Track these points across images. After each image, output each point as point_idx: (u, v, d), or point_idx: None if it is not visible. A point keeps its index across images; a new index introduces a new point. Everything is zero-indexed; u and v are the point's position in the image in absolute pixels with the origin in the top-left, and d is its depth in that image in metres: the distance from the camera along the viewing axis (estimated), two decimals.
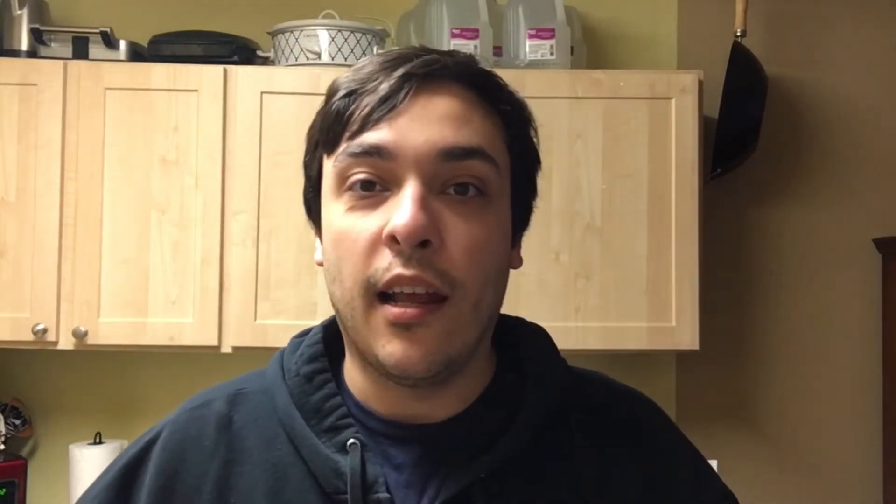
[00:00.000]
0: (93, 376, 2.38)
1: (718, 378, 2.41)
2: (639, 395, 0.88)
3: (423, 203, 0.69)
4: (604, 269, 2.06)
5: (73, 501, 2.19)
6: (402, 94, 0.71)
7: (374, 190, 0.71)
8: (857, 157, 2.44)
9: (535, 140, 0.80)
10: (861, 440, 2.39)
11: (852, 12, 2.45)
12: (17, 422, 2.30)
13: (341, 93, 0.73)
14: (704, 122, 2.14)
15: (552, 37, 2.14)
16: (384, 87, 0.71)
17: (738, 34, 2.30)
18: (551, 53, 2.13)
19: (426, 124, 0.71)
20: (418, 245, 0.68)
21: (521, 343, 0.83)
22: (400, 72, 0.71)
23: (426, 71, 0.72)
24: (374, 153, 0.70)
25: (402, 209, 0.68)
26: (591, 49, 2.39)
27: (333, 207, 0.73)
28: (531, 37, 2.14)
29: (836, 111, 2.44)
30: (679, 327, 2.05)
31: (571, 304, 2.06)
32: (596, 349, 2.04)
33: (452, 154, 0.70)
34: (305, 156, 0.79)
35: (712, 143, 2.28)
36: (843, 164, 2.44)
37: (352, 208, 0.72)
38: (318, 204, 0.77)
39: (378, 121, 0.70)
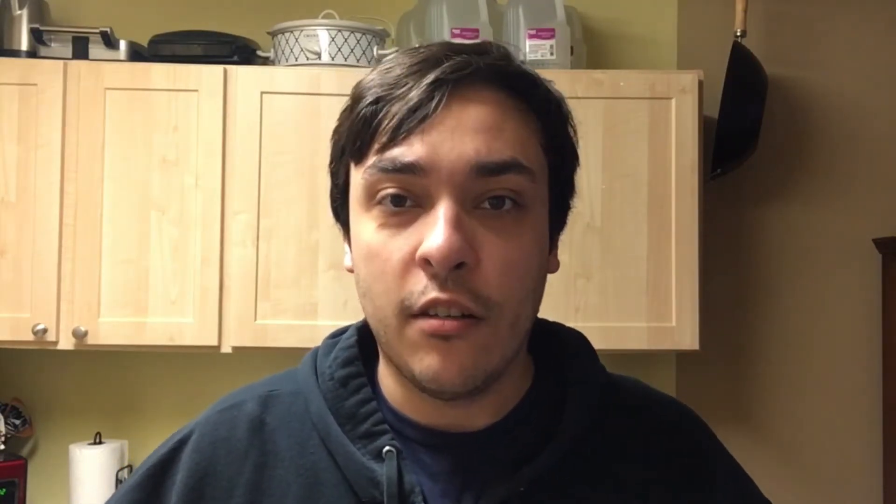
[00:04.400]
0: (93, 376, 2.38)
1: (718, 378, 2.41)
2: (678, 403, 0.86)
3: (457, 223, 0.66)
4: (604, 269, 2.06)
5: (73, 501, 2.19)
6: (433, 104, 0.66)
7: (405, 205, 0.68)
8: (857, 157, 2.43)
9: (573, 138, 0.76)
10: (861, 440, 2.39)
11: (852, 12, 2.45)
12: (17, 422, 2.30)
13: (368, 99, 0.69)
14: (704, 122, 2.14)
15: (552, 37, 2.14)
16: (414, 95, 0.67)
17: (738, 34, 2.30)
18: (551, 53, 2.13)
19: (459, 137, 0.67)
20: (454, 267, 0.65)
21: (563, 350, 0.81)
22: (430, 77, 0.67)
23: (458, 76, 0.67)
24: (405, 170, 0.67)
25: (435, 231, 0.65)
26: (591, 49, 2.38)
27: (363, 221, 0.70)
28: (531, 37, 2.14)
29: (836, 111, 2.44)
30: (679, 327, 2.05)
31: (571, 304, 2.06)
32: (596, 349, 2.04)
33: (487, 170, 0.67)
34: (331, 162, 0.75)
35: (712, 143, 2.27)
36: (843, 164, 2.44)
37: (382, 225, 0.68)
38: (346, 211, 0.74)
39: (409, 133, 0.67)
